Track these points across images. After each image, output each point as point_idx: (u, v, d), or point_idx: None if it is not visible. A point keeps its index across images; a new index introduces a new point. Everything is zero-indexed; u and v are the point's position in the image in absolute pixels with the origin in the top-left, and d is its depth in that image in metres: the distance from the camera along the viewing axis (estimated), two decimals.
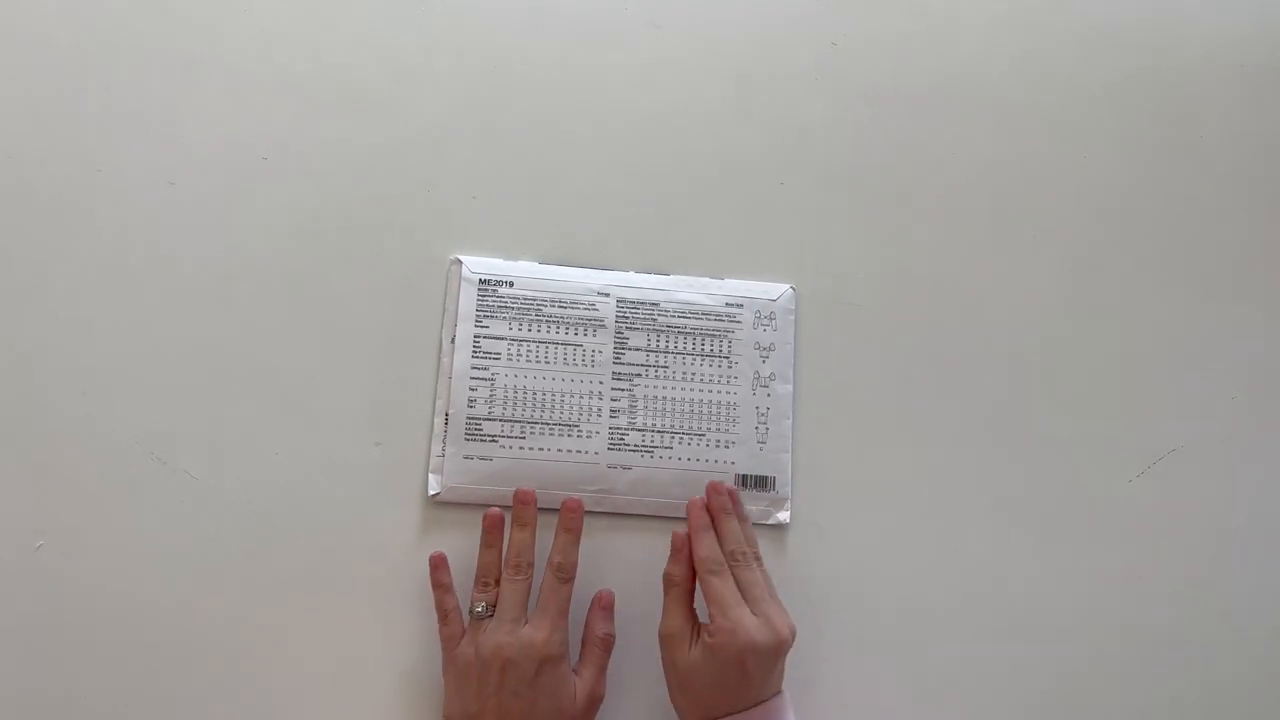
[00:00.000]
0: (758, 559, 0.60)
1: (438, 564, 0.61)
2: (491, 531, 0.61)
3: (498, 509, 0.61)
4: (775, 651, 0.56)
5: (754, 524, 0.64)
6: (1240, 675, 0.66)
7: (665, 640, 0.58)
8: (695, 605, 0.59)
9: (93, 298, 0.63)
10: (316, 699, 0.61)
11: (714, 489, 0.61)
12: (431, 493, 0.63)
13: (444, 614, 0.60)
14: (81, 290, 0.63)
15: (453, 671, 0.59)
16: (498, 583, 0.60)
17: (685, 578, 0.59)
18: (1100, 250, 0.70)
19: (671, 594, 0.59)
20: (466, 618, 0.60)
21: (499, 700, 0.56)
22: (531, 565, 0.60)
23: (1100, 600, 0.66)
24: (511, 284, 0.66)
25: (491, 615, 0.59)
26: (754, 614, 0.56)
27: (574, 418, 0.65)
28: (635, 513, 0.64)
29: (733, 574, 0.58)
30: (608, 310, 0.66)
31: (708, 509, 0.60)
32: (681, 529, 0.60)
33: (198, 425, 0.63)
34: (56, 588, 0.60)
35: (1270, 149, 0.72)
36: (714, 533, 0.60)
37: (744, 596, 0.57)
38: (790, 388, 0.66)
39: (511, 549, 0.60)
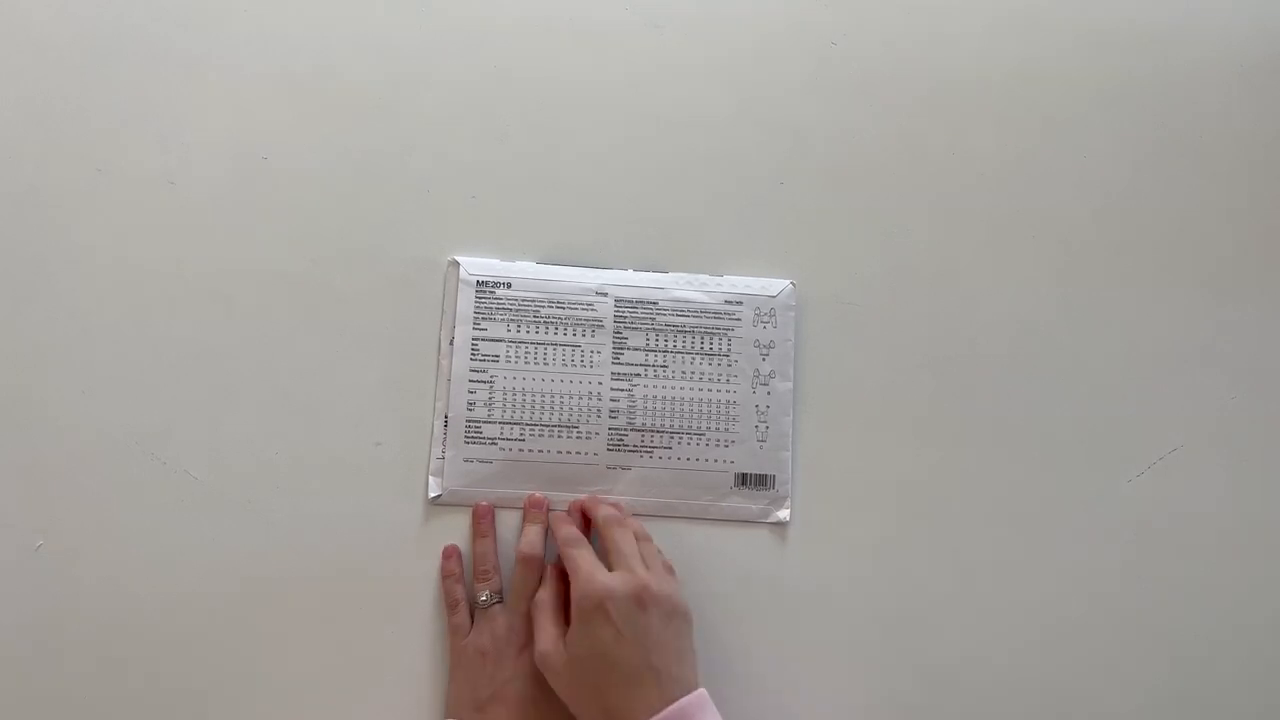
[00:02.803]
0: (640, 537, 0.60)
1: (449, 554, 0.62)
2: (483, 521, 0.62)
3: (486, 503, 0.63)
4: (637, 599, 0.54)
5: (754, 522, 0.65)
6: (1240, 675, 0.66)
7: (546, 659, 0.54)
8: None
9: (93, 298, 0.63)
10: (317, 699, 0.61)
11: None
12: (432, 495, 0.63)
13: (453, 603, 0.61)
14: (81, 290, 0.64)
15: (462, 660, 0.59)
16: (496, 570, 0.61)
17: (555, 595, 0.58)
18: (1100, 250, 0.70)
19: (542, 612, 0.57)
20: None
21: (514, 687, 0.56)
22: (543, 557, 0.61)
23: (1100, 600, 0.66)
24: (509, 285, 0.66)
25: (497, 603, 0.59)
26: (611, 569, 0.56)
27: (573, 418, 0.65)
28: (635, 512, 0.64)
29: (603, 534, 0.59)
30: (606, 310, 0.66)
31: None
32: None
33: (198, 425, 0.63)
34: (56, 588, 0.60)
35: (1270, 149, 0.72)
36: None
37: (610, 553, 0.57)
38: (790, 385, 0.66)
39: (524, 541, 0.61)
